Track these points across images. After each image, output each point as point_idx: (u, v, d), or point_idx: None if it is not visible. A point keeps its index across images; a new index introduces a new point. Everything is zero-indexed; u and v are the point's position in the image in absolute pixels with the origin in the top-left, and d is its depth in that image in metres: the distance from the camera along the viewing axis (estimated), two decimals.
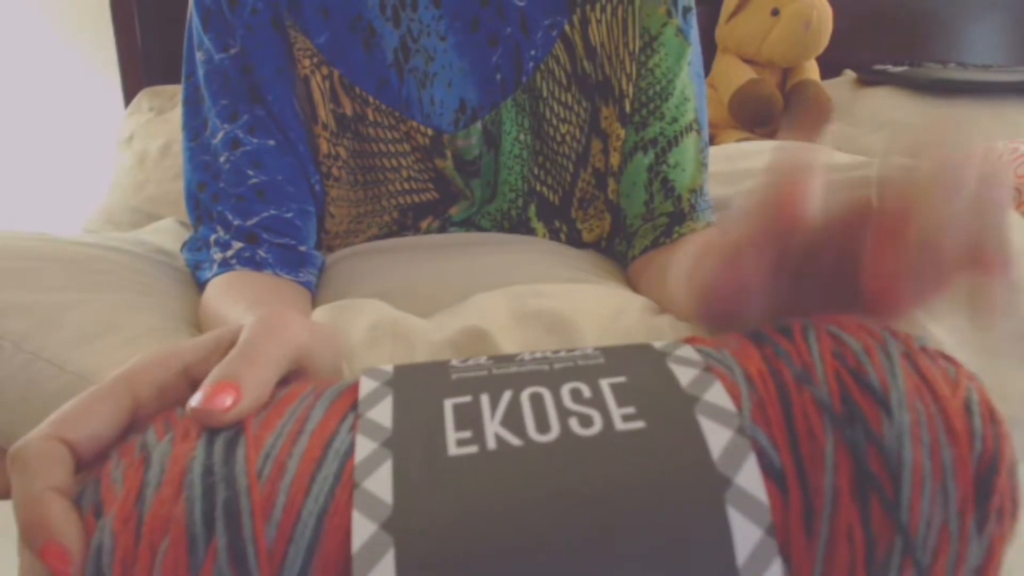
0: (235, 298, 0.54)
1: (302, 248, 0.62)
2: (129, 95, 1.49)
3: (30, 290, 0.53)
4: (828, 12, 1.43)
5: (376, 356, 0.47)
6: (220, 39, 0.60)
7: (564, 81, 0.63)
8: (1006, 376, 0.47)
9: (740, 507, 0.22)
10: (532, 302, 0.52)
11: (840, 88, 1.52)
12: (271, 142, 0.61)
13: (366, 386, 0.27)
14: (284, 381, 0.28)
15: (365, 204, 0.66)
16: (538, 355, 0.28)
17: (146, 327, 0.54)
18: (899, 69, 1.49)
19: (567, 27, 0.61)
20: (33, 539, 0.23)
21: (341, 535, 0.22)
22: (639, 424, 0.24)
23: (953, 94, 1.42)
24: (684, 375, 0.26)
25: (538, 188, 0.66)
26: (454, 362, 0.28)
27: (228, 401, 0.24)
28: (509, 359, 0.28)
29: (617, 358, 0.27)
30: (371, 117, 0.63)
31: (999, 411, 0.24)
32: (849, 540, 0.22)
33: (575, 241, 0.69)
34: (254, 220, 0.60)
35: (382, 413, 0.25)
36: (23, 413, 0.49)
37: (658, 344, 0.28)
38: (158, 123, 1.29)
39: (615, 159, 0.64)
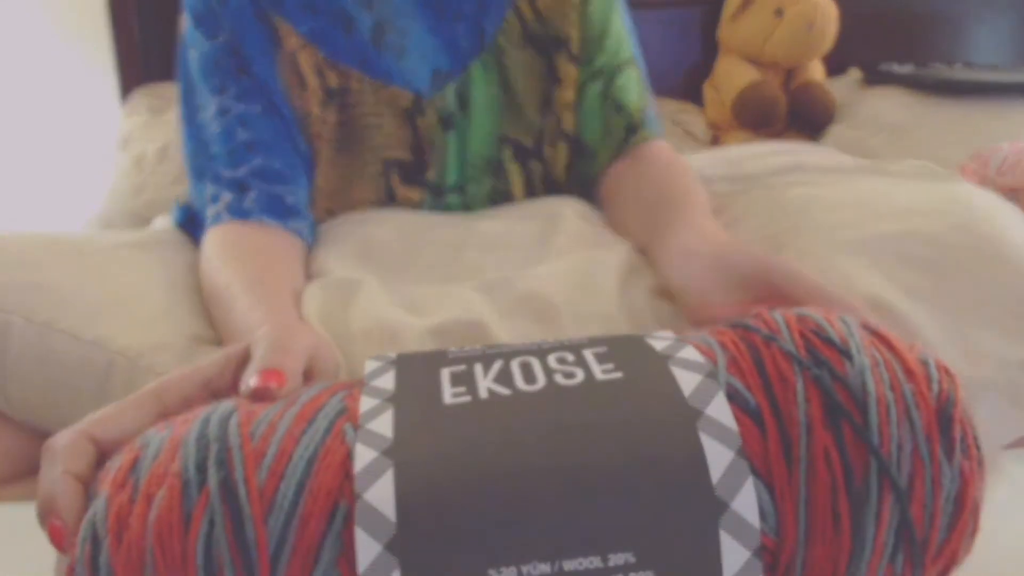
0: (232, 267, 0.55)
1: (290, 200, 0.65)
2: (126, 92, 1.50)
3: (37, 271, 0.55)
4: (832, 12, 1.43)
5: (368, 351, 0.48)
6: (210, 31, 0.66)
7: (520, 42, 0.73)
8: (979, 338, 0.48)
9: (711, 433, 0.24)
10: (516, 290, 0.53)
11: (845, 88, 1.52)
12: (257, 107, 0.66)
13: (371, 366, 0.30)
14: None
15: (350, 165, 0.70)
16: (528, 341, 0.31)
17: (155, 300, 0.56)
18: (904, 69, 1.49)
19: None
20: (42, 515, 0.26)
21: (331, 473, 0.24)
22: (618, 375, 0.26)
23: (959, 94, 1.42)
24: (659, 344, 0.28)
25: (511, 135, 0.74)
26: (452, 348, 0.31)
27: (276, 381, 0.29)
28: (501, 344, 0.31)
29: (599, 338, 0.30)
30: (355, 87, 0.69)
31: (954, 370, 0.26)
32: (827, 464, 0.23)
33: (548, 179, 0.76)
34: (244, 169, 0.63)
35: (386, 381, 0.28)
36: (40, 385, 0.50)
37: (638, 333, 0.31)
38: (156, 125, 1.31)
39: (569, 94, 0.74)
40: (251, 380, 0.29)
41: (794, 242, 0.57)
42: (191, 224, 0.70)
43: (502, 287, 0.54)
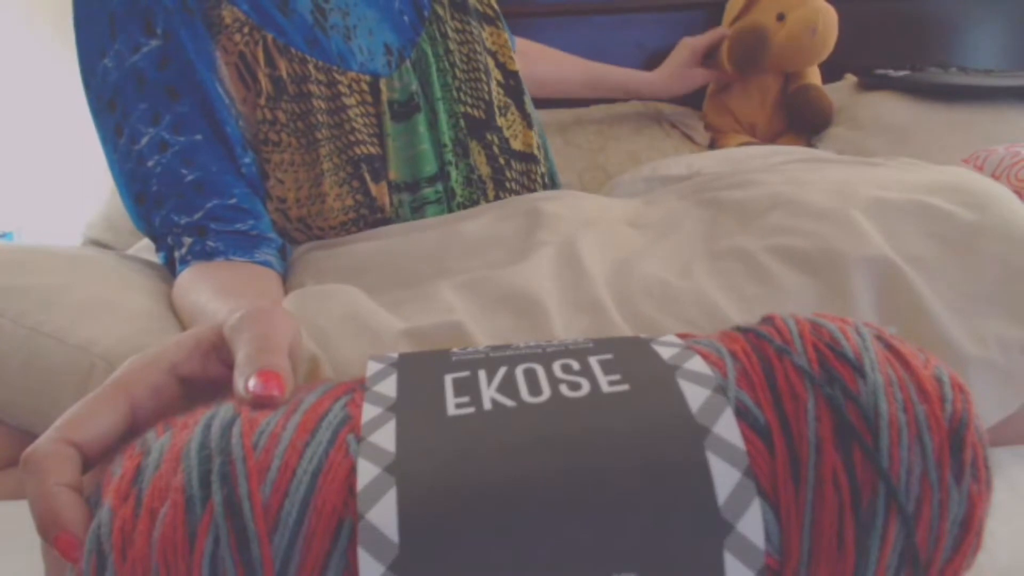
0: (204, 291, 0.55)
1: (253, 233, 0.63)
2: None
3: (25, 276, 0.55)
4: (834, 17, 1.43)
5: (352, 346, 0.47)
6: (132, 39, 0.60)
7: (452, 11, 0.74)
8: (984, 318, 0.47)
9: (718, 452, 0.23)
10: (497, 288, 0.53)
11: (841, 92, 1.52)
12: (198, 137, 0.61)
13: (372, 367, 0.29)
14: None
15: (321, 163, 0.66)
16: (532, 343, 0.30)
17: (140, 308, 0.56)
18: (900, 73, 1.49)
19: None
20: (47, 530, 0.25)
21: (336, 489, 0.24)
22: (624, 387, 0.26)
23: (954, 98, 1.42)
24: (666, 352, 0.28)
25: (462, 110, 0.73)
26: (455, 349, 0.30)
27: (278, 388, 0.28)
28: (505, 347, 0.30)
29: (605, 343, 0.29)
30: (314, 75, 0.65)
31: (967, 386, 0.26)
32: (835, 486, 0.23)
33: (506, 150, 0.76)
34: (199, 214, 0.61)
35: (387, 387, 0.27)
36: (24, 387, 0.50)
37: (644, 335, 0.30)
38: None
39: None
40: (251, 383, 0.28)
41: (807, 196, 0.56)
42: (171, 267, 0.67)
43: (483, 285, 0.53)
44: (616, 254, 0.57)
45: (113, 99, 0.61)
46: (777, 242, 0.52)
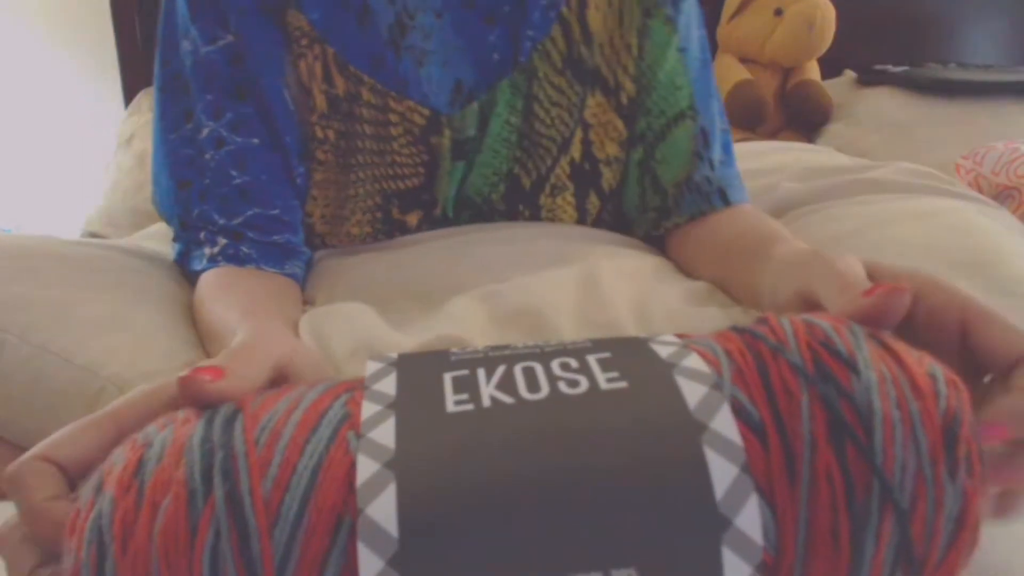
0: (226, 302, 0.53)
1: (288, 246, 0.61)
2: (129, 95, 1.50)
3: (33, 286, 0.53)
4: (831, 12, 1.44)
5: (359, 370, 0.47)
6: (208, 30, 0.59)
7: (559, 64, 0.63)
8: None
9: (716, 447, 0.23)
10: (509, 302, 0.51)
11: (840, 88, 1.53)
12: (255, 140, 0.60)
13: (372, 367, 0.29)
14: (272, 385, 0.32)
15: (349, 187, 0.64)
16: (530, 343, 0.30)
17: (152, 324, 0.54)
18: (899, 69, 1.50)
19: (564, 9, 0.62)
20: (58, 541, 0.25)
21: (336, 485, 0.24)
22: (622, 384, 0.26)
23: (953, 94, 1.42)
24: (664, 350, 0.28)
25: (515, 171, 0.65)
26: (454, 349, 0.30)
27: (209, 376, 0.28)
28: (504, 347, 0.30)
29: (603, 342, 0.29)
30: (365, 97, 0.62)
31: (962, 383, 0.26)
32: (829, 482, 0.23)
33: None
34: (239, 220, 0.59)
35: (387, 385, 0.27)
36: (29, 406, 0.49)
37: (641, 335, 0.30)
38: None
39: (611, 149, 0.66)
40: (183, 371, 0.28)
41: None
42: (187, 259, 0.64)
43: (495, 299, 0.52)
44: (636, 280, 0.56)
45: (188, 83, 0.60)
46: None
